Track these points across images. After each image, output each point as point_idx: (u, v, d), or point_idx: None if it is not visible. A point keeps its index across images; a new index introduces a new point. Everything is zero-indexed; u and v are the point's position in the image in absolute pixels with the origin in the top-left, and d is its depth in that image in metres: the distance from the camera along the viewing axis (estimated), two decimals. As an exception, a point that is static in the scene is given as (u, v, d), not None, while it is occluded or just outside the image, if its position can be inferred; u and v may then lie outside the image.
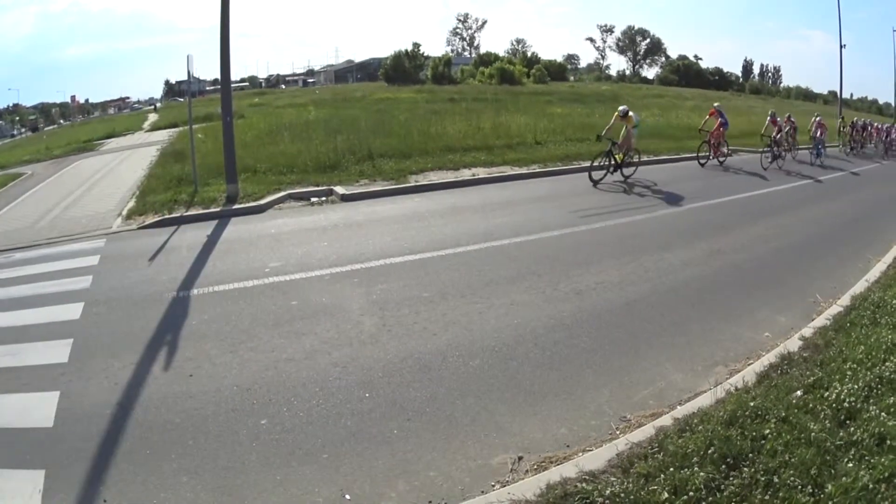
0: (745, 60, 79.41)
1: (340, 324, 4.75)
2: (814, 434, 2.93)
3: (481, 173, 11.84)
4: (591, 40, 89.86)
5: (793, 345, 4.17)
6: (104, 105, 74.37)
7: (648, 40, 79.06)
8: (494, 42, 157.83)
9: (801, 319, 4.89)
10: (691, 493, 2.56)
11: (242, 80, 71.86)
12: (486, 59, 58.66)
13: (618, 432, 3.31)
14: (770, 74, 79.94)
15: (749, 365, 4.02)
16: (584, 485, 2.69)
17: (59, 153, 22.75)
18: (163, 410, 3.58)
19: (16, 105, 71.18)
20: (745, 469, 2.71)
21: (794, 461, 2.73)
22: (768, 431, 2.96)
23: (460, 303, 5.15)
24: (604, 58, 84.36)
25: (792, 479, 2.62)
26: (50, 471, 3.04)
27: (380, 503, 2.82)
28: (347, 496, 2.86)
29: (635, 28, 79.48)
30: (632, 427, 3.33)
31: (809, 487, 2.57)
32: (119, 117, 50.57)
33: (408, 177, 11.22)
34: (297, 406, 3.60)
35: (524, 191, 10.37)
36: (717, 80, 68.33)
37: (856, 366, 3.65)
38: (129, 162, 16.75)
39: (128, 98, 77.68)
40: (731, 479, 2.66)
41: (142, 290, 5.74)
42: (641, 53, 79.69)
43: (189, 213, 9.08)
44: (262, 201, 9.44)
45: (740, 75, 77.49)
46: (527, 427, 3.39)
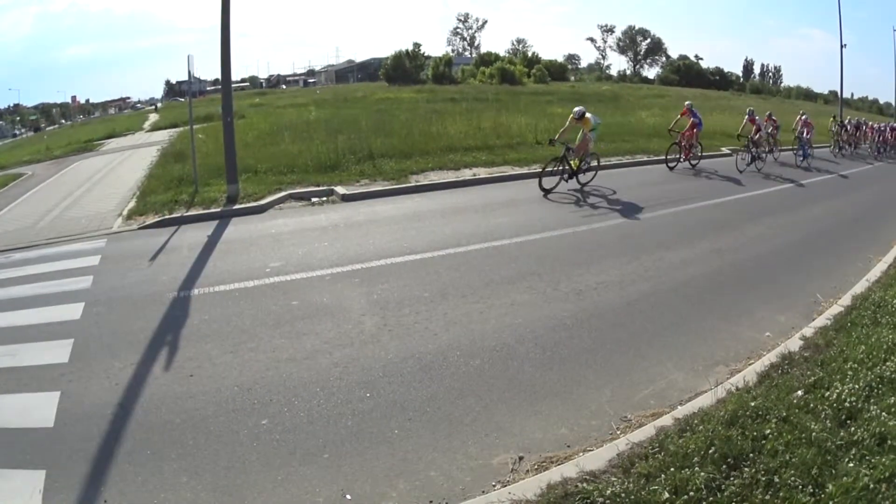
0: (746, 60, 79.53)
1: (341, 324, 4.75)
2: (815, 434, 2.93)
3: (482, 173, 11.84)
4: (592, 40, 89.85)
5: (793, 344, 4.17)
6: (105, 105, 74.45)
7: (649, 40, 79.20)
8: (495, 42, 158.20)
9: (801, 319, 4.89)
10: (692, 493, 2.56)
11: (243, 81, 72.02)
12: (487, 59, 58.74)
13: (618, 432, 3.31)
14: (771, 74, 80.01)
15: (750, 364, 4.03)
16: (584, 485, 2.69)
17: (60, 153, 22.78)
18: (163, 410, 3.59)
19: (16, 105, 71.44)
20: (746, 469, 2.71)
21: (794, 461, 2.73)
22: (769, 431, 2.96)
23: (461, 303, 5.15)
24: (604, 58, 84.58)
25: (793, 478, 2.62)
26: (50, 471, 3.04)
27: (380, 503, 2.82)
28: (348, 496, 2.86)
29: (636, 28, 79.67)
30: (632, 427, 3.33)
31: (810, 487, 2.57)
32: (119, 117, 50.61)
33: (408, 177, 11.22)
34: (297, 406, 3.60)
35: (525, 190, 10.35)
36: (718, 80, 68.30)
37: (856, 365, 3.65)
38: (129, 162, 16.76)
39: (128, 98, 77.88)
40: (731, 478, 2.66)
41: (142, 291, 5.75)
42: (642, 53, 79.75)
43: (190, 213, 9.08)
44: (263, 201, 9.44)
45: (741, 75, 77.57)
46: (527, 427, 3.39)
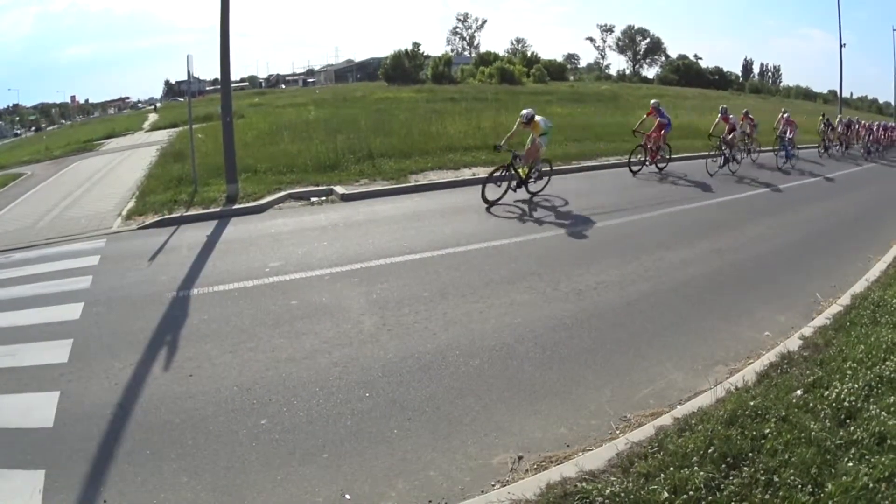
0: (745, 60, 79.55)
1: (340, 323, 4.75)
2: (814, 433, 2.93)
3: (481, 173, 11.76)
4: (591, 40, 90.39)
5: (793, 344, 4.17)
6: (104, 105, 74.41)
7: (648, 40, 79.12)
8: (494, 41, 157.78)
9: (800, 318, 4.89)
10: (691, 493, 2.56)
11: (242, 80, 71.92)
12: (486, 59, 58.76)
13: (618, 432, 3.31)
14: (770, 74, 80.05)
15: (749, 364, 4.03)
16: (584, 484, 2.69)
17: (59, 153, 22.81)
18: (163, 411, 3.58)
19: (16, 105, 71.41)
20: (745, 468, 2.71)
21: (794, 460, 2.73)
22: (768, 431, 2.96)
23: (460, 302, 5.15)
24: (604, 57, 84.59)
25: (792, 478, 2.62)
26: (50, 471, 3.04)
27: (380, 503, 2.82)
28: (347, 496, 2.86)
29: (635, 27, 79.57)
30: (632, 426, 3.33)
31: (809, 487, 2.58)
32: (119, 117, 50.64)
33: (408, 176, 11.22)
34: (297, 406, 3.60)
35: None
36: (717, 80, 68.33)
37: (856, 365, 3.66)
38: (128, 162, 16.76)
39: (127, 98, 77.84)
40: (731, 478, 2.66)
41: (142, 290, 5.74)
42: (641, 53, 79.69)
43: (189, 213, 9.08)
44: (262, 201, 9.43)
45: (740, 75, 77.58)
46: (527, 426, 3.39)
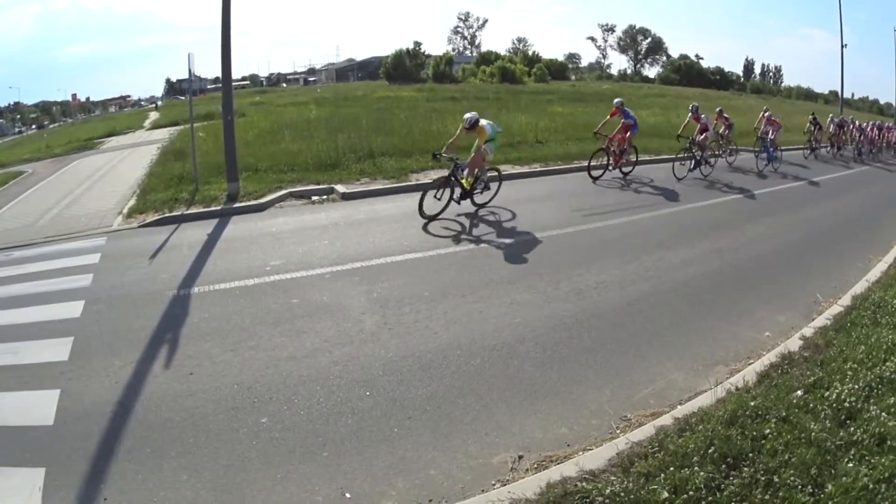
0: (747, 60, 79.32)
1: (341, 322, 4.75)
2: (814, 434, 2.93)
3: (482, 172, 11.82)
4: (593, 39, 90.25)
5: (793, 344, 4.17)
6: (105, 103, 74.37)
7: (650, 39, 79.01)
8: (495, 41, 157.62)
9: (801, 319, 4.89)
10: (691, 493, 2.56)
11: (243, 79, 71.94)
12: (488, 58, 58.67)
13: (618, 431, 3.31)
14: (771, 74, 79.92)
15: (749, 364, 4.03)
16: (584, 484, 2.69)
17: (60, 151, 22.80)
18: (163, 409, 3.59)
19: (17, 103, 71.34)
20: (746, 469, 2.72)
21: (794, 461, 2.74)
22: (769, 431, 2.96)
23: (461, 302, 5.15)
24: (605, 57, 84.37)
25: (792, 478, 2.63)
26: (50, 469, 3.05)
27: (380, 502, 2.82)
28: (347, 494, 2.86)
29: (636, 27, 79.45)
30: (632, 426, 3.34)
31: (809, 487, 2.58)
32: (120, 115, 50.63)
33: (409, 175, 11.20)
34: (297, 404, 3.60)
35: (525, 190, 10.36)
36: (719, 80, 68.23)
37: (856, 366, 3.66)
38: (129, 160, 16.75)
39: (129, 96, 77.67)
40: (731, 478, 2.66)
41: (142, 289, 5.74)
42: (643, 53, 79.58)
43: (190, 211, 9.07)
44: (263, 200, 9.43)
45: (741, 75, 77.49)
46: (527, 426, 3.39)
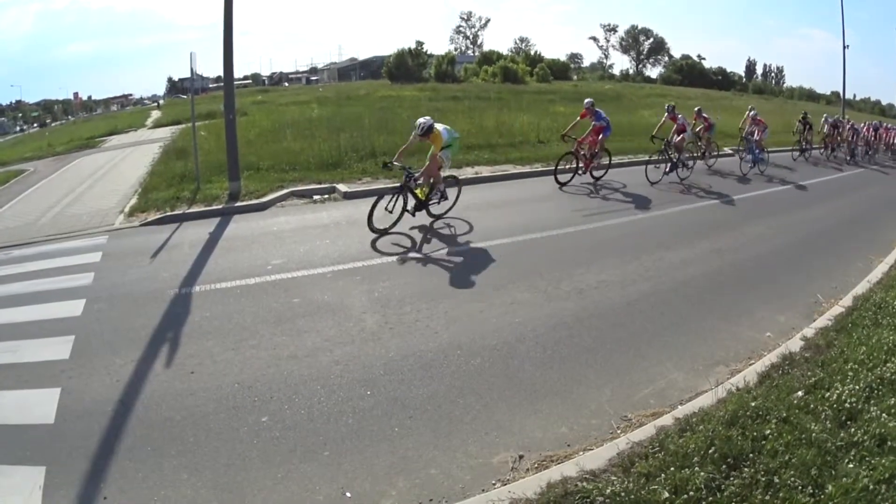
0: (749, 60, 79.12)
1: (342, 321, 4.75)
2: (815, 434, 2.93)
3: (484, 171, 11.81)
4: (595, 39, 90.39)
5: (794, 345, 4.17)
6: (107, 102, 74.41)
7: (652, 39, 78.95)
8: (498, 40, 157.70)
9: (802, 319, 4.89)
10: (692, 493, 2.56)
11: (245, 78, 71.96)
12: (490, 58, 58.62)
13: (619, 431, 3.31)
14: (773, 74, 79.76)
15: (750, 365, 4.03)
16: (584, 484, 2.69)
17: (61, 150, 22.78)
18: (164, 407, 3.59)
19: (18, 102, 71.47)
20: (746, 469, 2.72)
21: (794, 461, 2.73)
22: (769, 432, 2.96)
23: (462, 301, 5.15)
24: (607, 57, 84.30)
25: (792, 479, 2.63)
26: (50, 467, 3.05)
27: (380, 501, 2.82)
28: (348, 494, 2.86)
29: (638, 27, 79.38)
30: (632, 426, 3.34)
31: (810, 488, 2.58)
32: (122, 114, 50.67)
33: (409, 175, 11.20)
34: (298, 403, 3.61)
35: (527, 189, 10.35)
36: (721, 80, 68.08)
37: (857, 366, 3.65)
38: (131, 159, 16.76)
39: (130, 95, 77.70)
40: (731, 478, 2.66)
41: (144, 287, 5.75)
42: (645, 53, 79.52)
43: (191, 210, 9.07)
44: (265, 199, 9.43)
45: (743, 75, 77.35)
46: (527, 426, 3.39)
